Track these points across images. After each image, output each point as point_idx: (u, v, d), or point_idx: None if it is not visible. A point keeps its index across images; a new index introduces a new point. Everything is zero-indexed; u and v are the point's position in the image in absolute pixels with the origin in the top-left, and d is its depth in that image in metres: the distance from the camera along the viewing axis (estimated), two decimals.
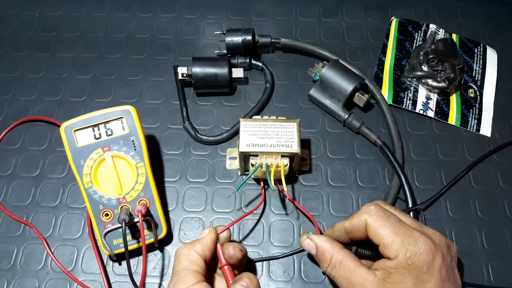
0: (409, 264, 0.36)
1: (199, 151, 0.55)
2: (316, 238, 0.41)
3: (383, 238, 0.37)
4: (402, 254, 0.36)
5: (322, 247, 0.40)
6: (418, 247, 0.36)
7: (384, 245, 0.37)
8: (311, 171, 0.53)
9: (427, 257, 0.36)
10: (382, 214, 0.38)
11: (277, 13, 0.66)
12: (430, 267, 0.36)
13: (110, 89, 0.59)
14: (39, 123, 0.57)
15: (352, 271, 0.38)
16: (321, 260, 0.40)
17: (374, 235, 0.38)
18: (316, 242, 0.41)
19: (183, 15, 0.66)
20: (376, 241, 0.38)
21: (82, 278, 0.47)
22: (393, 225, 0.37)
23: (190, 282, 0.37)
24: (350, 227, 0.40)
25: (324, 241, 0.40)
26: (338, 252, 0.39)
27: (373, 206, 0.39)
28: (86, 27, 0.65)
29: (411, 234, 0.37)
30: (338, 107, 0.55)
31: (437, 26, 0.64)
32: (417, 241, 0.36)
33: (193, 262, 0.39)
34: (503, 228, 0.49)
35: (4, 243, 0.49)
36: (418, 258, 0.36)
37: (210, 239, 0.41)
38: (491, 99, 0.59)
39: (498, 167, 0.53)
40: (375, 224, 0.38)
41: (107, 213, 0.45)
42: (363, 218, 0.39)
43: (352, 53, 0.62)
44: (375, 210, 0.39)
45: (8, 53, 0.63)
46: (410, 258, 0.36)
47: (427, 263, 0.36)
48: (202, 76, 0.56)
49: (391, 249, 0.37)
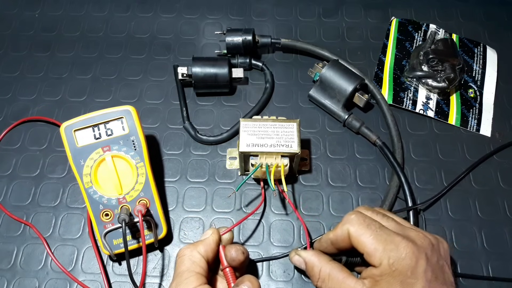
0: (393, 271, 0.36)
1: (199, 151, 0.55)
2: (304, 253, 0.41)
3: (366, 246, 0.37)
4: (385, 261, 0.36)
5: (310, 262, 0.40)
6: (399, 252, 0.36)
7: (367, 254, 0.37)
8: (311, 171, 0.53)
9: (410, 261, 0.36)
10: (363, 222, 0.38)
11: (277, 13, 0.66)
12: (414, 271, 0.36)
13: (110, 89, 0.59)
14: (39, 123, 0.57)
15: (341, 283, 0.38)
16: (311, 275, 0.41)
17: (357, 244, 0.38)
18: (305, 258, 0.41)
19: (183, 15, 0.66)
20: (360, 250, 0.38)
21: (82, 278, 0.47)
22: (374, 232, 0.38)
23: (193, 284, 0.37)
24: (335, 238, 0.40)
25: (312, 255, 0.41)
26: (325, 265, 0.39)
27: (354, 215, 0.39)
28: (86, 27, 0.65)
29: (392, 239, 0.37)
30: (338, 107, 0.55)
31: (437, 26, 0.64)
32: (399, 246, 0.36)
33: (195, 263, 0.39)
34: (503, 228, 0.49)
35: (4, 243, 0.49)
36: (401, 263, 0.36)
37: (213, 240, 0.40)
38: (491, 99, 0.59)
39: (498, 167, 0.53)
40: (356, 233, 0.38)
41: (107, 213, 0.45)
42: (345, 228, 0.39)
43: (352, 53, 0.62)
44: (356, 219, 0.39)
45: (8, 53, 0.63)
46: (393, 265, 0.36)
47: (410, 267, 0.36)
48: (202, 76, 0.56)
49: (375, 257, 0.37)
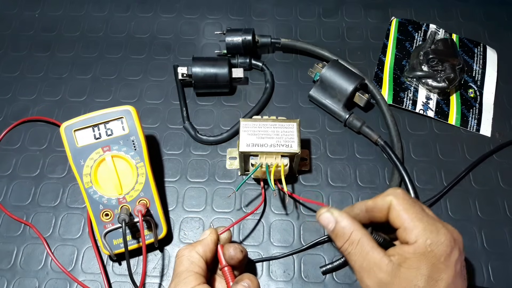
0: (429, 251, 0.36)
1: (199, 151, 0.55)
2: (337, 212, 0.40)
3: (405, 221, 0.37)
4: (422, 240, 0.36)
5: (342, 223, 0.39)
6: (439, 237, 0.36)
7: (405, 229, 0.37)
8: (311, 171, 0.53)
9: (446, 248, 0.36)
10: (408, 198, 0.38)
11: (277, 13, 0.66)
12: (448, 259, 0.36)
13: (110, 89, 0.59)
14: (39, 123, 0.57)
15: (369, 251, 0.37)
16: (339, 235, 0.39)
17: (397, 217, 0.38)
18: (337, 217, 0.39)
19: (183, 15, 0.66)
20: (397, 224, 0.38)
21: (82, 278, 0.47)
22: (417, 211, 0.37)
23: (192, 284, 0.37)
24: (373, 206, 0.39)
25: (345, 217, 0.39)
26: (357, 229, 0.38)
27: (400, 190, 0.39)
28: (86, 27, 0.65)
29: (433, 223, 0.37)
30: (338, 107, 0.55)
31: (437, 26, 0.64)
32: (439, 231, 0.36)
33: (194, 263, 0.39)
34: (503, 228, 0.49)
35: (4, 243, 0.49)
36: (438, 247, 0.36)
37: (211, 240, 0.41)
38: (491, 99, 0.59)
39: (498, 167, 0.53)
40: (400, 206, 0.38)
41: (107, 213, 0.45)
42: (388, 199, 0.38)
43: (352, 53, 0.62)
44: (401, 194, 0.38)
45: (8, 53, 0.63)
46: (430, 246, 0.36)
47: (445, 253, 0.36)
48: (202, 76, 0.56)
49: (412, 233, 0.36)
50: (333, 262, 0.46)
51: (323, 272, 0.47)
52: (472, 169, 0.53)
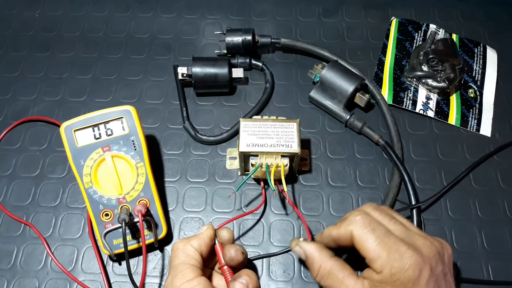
0: (394, 281, 0.35)
1: (199, 151, 0.55)
2: (305, 245, 0.40)
3: (369, 252, 0.37)
4: (387, 270, 0.35)
5: (311, 256, 0.39)
6: (403, 262, 0.35)
7: (369, 259, 0.37)
8: (311, 171, 0.53)
9: (412, 273, 0.35)
10: (368, 225, 0.37)
11: (277, 13, 0.66)
12: (416, 282, 0.35)
13: (110, 89, 0.59)
14: (39, 123, 0.57)
15: (341, 282, 0.37)
16: (311, 269, 0.40)
17: (360, 247, 0.37)
18: (305, 250, 0.40)
19: (183, 15, 0.66)
20: (362, 254, 0.37)
21: (82, 278, 0.47)
22: (379, 237, 0.37)
23: (189, 276, 0.37)
24: (337, 237, 0.39)
25: (313, 249, 0.39)
26: (326, 261, 0.38)
27: (359, 217, 0.38)
28: (86, 27, 0.65)
29: (397, 248, 0.36)
30: (339, 108, 0.55)
31: (437, 26, 0.64)
32: (403, 256, 0.35)
33: (190, 256, 0.39)
34: (503, 228, 0.49)
35: (4, 243, 0.49)
36: (403, 274, 0.35)
37: (207, 235, 0.41)
38: (491, 99, 0.59)
39: (498, 167, 0.53)
40: (360, 237, 0.37)
41: (107, 213, 0.45)
42: (349, 230, 0.38)
43: (352, 53, 0.62)
44: (361, 221, 0.38)
45: (8, 53, 0.63)
46: (395, 275, 0.35)
47: (412, 279, 0.35)
48: (202, 76, 0.56)
49: (377, 263, 0.36)
50: None
51: None
52: (472, 169, 0.53)
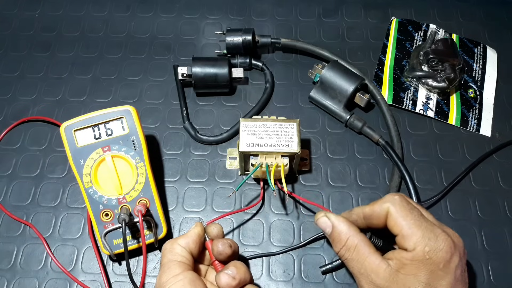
0: (427, 259, 0.35)
1: (199, 151, 0.55)
2: (334, 217, 0.40)
3: (403, 228, 0.37)
4: (420, 247, 0.36)
5: (339, 228, 0.39)
6: (438, 243, 0.36)
7: (403, 236, 0.37)
8: (311, 171, 0.53)
9: (445, 255, 0.36)
10: (406, 205, 0.38)
11: (277, 13, 0.66)
12: (447, 265, 0.36)
13: (110, 89, 0.59)
14: (39, 123, 0.57)
15: (366, 257, 0.37)
16: (336, 241, 0.39)
17: (395, 224, 0.37)
18: (333, 222, 0.40)
19: (183, 15, 0.66)
20: (395, 231, 0.38)
21: (82, 278, 0.47)
22: (415, 217, 0.37)
23: (175, 271, 0.38)
24: (370, 213, 0.39)
25: (342, 222, 0.39)
26: (354, 235, 0.38)
27: (398, 196, 0.39)
28: (86, 27, 0.65)
29: (432, 229, 0.37)
30: (339, 108, 0.55)
31: (437, 26, 0.64)
32: (438, 237, 0.36)
33: (177, 254, 0.39)
34: (503, 228, 0.49)
35: (4, 243, 0.49)
36: (436, 254, 0.36)
37: (194, 232, 0.41)
38: (491, 99, 0.59)
39: (498, 167, 0.53)
40: (397, 213, 0.37)
41: (107, 213, 0.45)
42: (385, 206, 0.38)
43: (352, 53, 0.62)
44: (399, 200, 0.38)
45: (8, 53, 0.63)
46: (428, 253, 0.36)
47: (444, 260, 0.36)
48: (202, 76, 0.56)
49: (410, 241, 0.36)
50: (333, 262, 0.46)
51: (323, 272, 0.47)
52: (472, 169, 0.53)
